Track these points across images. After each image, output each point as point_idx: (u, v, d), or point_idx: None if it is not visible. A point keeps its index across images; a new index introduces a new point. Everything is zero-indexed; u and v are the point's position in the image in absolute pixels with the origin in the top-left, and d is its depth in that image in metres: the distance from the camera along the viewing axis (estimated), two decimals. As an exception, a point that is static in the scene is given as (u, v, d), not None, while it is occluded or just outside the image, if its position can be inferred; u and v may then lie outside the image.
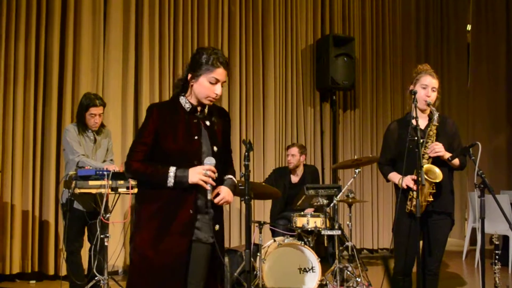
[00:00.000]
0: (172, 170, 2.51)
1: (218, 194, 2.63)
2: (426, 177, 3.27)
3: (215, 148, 2.65)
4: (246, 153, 2.90)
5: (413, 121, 3.35)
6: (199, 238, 2.60)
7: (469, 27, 9.09)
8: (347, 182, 5.86)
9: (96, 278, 4.07)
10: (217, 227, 2.63)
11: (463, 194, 8.34)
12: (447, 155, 3.43)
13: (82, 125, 4.30)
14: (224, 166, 2.76)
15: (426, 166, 3.35)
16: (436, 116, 3.43)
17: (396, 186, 3.60)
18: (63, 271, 5.25)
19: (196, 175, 2.50)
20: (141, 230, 2.59)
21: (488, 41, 8.98)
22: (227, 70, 2.64)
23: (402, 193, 3.48)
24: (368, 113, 7.77)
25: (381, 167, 3.75)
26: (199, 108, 2.69)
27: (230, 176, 2.78)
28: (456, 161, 3.47)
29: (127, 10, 5.99)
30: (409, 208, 3.46)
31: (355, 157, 5.76)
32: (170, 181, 2.51)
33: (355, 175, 5.27)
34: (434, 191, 3.39)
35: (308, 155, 7.11)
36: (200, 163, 2.58)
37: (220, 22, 6.63)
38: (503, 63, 8.93)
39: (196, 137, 2.62)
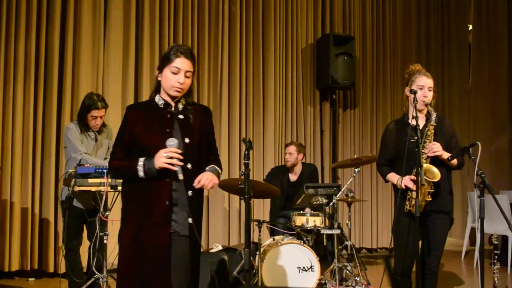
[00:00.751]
0: (141, 160, 2.59)
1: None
2: (425, 176, 3.26)
3: (186, 140, 2.67)
4: (246, 152, 2.89)
5: (413, 121, 3.36)
6: (176, 231, 2.64)
7: (470, 27, 9.08)
8: (346, 181, 5.87)
9: (95, 276, 4.07)
10: (190, 220, 2.64)
11: (464, 194, 8.34)
12: (446, 154, 3.44)
13: (83, 125, 4.31)
14: (206, 161, 2.82)
15: (425, 166, 3.35)
16: (434, 116, 3.43)
17: (394, 186, 3.60)
18: (62, 269, 5.25)
19: (160, 159, 2.54)
20: (125, 226, 2.69)
21: (489, 41, 8.97)
22: (190, 60, 2.68)
23: (400, 193, 3.49)
24: (368, 113, 7.77)
25: (379, 168, 3.75)
26: (173, 104, 2.74)
27: (212, 165, 2.82)
28: (454, 161, 3.47)
29: (128, 9, 5.98)
30: (407, 208, 3.46)
31: (355, 156, 5.75)
32: (140, 171, 2.58)
33: (354, 174, 5.27)
34: (432, 190, 3.40)
35: (308, 154, 7.11)
36: None
37: (221, 21, 6.63)
38: (505, 63, 8.93)
39: (168, 130, 2.66)
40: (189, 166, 2.64)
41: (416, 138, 3.29)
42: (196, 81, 6.23)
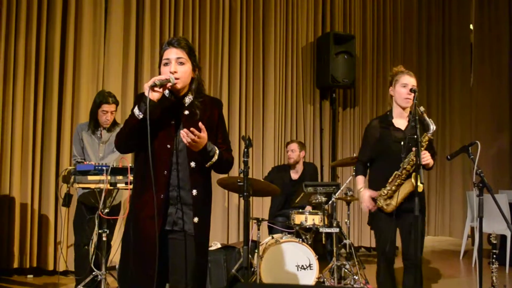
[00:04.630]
0: (135, 107, 2.56)
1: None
2: (413, 180, 3.33)
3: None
4: (245, 150, 2.89)
5: (396, 122, 3.55)
6: (183, 230, 2.62)
7: (471, 26, 9.08)
8: (345, 180, 5.87)
9: (93, 273, 4.07)
10: (196, 219, 2.62)
11: (464, 193, 8.35)
12: (431, 162, 3.55)
13: (94, 122, 4.39)
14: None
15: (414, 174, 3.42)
16: (432, 128, 3.45)
17: (369, 181, 3.78)
18: (61, 267, 5.27)
19: (145, 87, 2.51)
20: (128, 219, 2.70)
21: (491, 39, 8.98)
22: (179, 48, 2.63)
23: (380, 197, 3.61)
24: (367, 111, 7.76)
25: (357, 165, 3.88)
26: (183, 99, 2.69)
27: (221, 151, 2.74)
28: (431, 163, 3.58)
29: (128, 6, 5.97)
30: (379, 204, 3.58)
31: (354, 155, 5.75)
32: (136, 110, 2.53)
33: (353, 173, 5.26)
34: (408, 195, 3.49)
35: (307, 152, 7.11)
36: (173, 147, 2.60)
37: (221, 19, 6.62)
38: (506, 61, 8.94)
39: (172, 122, 2.64)
40: (192, 164, 2.61)
41: (416, 136, 3.29)
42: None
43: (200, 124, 2.51)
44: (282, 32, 7.10)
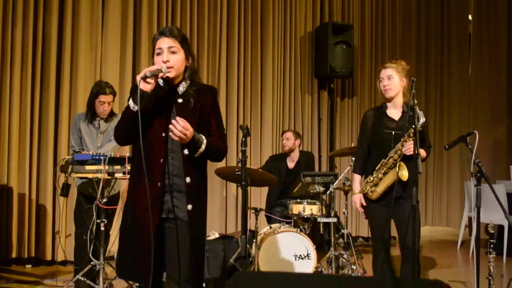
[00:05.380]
0: (130, 99, 2.57)
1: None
2: (398, 170, 3.47)
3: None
4: (243, 139, 2.88)
5: (389, 112, 3.62)
6: (177, 217, 2.63)
7: (470, 17, 9.05)
8: (343, 170, 5.87)
9: (92, 262, 4.08)
10: (189, 206, 2.63)
11: (463, 183, 8.36)
12: (422, 152, 3.62)
13: (91, 112, 4.38)
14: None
15: (400, 163, 3.52)
16: (422, 120, 3.49)
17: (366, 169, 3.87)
18: (60, 256, 5.27)
19: (137, 79, 2.51)
20: (126, 209, 2.73)
21: (489, 31, 8.96)
22: (170, 37, 2.63)
23: (366, 183, 3.72)
24: (365, 101, 7.77)
25: (355, 156, 3.96)
26: (177, 87, 2.70)
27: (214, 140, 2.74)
28: (423, 154, 3.64)
29: (125, -5, 5.95)
30: (365, 190, 3.71)
31: (352, 145, 5.76)
32: (131, 104, 2.54)
33: (351, 163, 5.27)
34: (394, 184, 3.53)
35: (305, 142, 7.12)
36: (167, 135, 2.59)
37: (219, 9, 6.59)
38: (504, 53, 8.93)
39: (165, 114, 2.65)
40: (186, 152, 2.62)
41: (414, 127, 3.38)
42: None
43: (178, 118, 2.50)
44: (280, 22, 7.08)
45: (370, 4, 7.90)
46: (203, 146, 2.62)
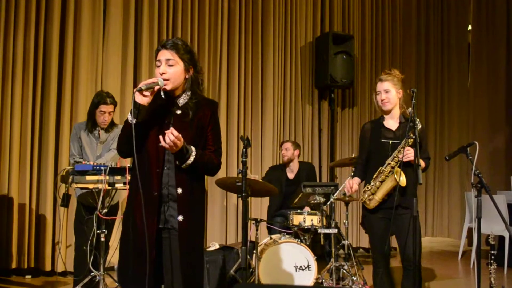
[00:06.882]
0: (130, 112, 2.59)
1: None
2: (395, 176, 3.50)
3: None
4: (244, 150, 2.88)
5: (386, 123, 3.68)
6: (173, 227, 2.65)
7: (469, 27, 9.09)
8: (344, 180, 5.86)
9: (92, 273, 4.06)
10: (180, 217, 2.63)
11: (462, 194, 8.35)
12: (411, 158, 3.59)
13: (92, 122, 4.39)
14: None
15: (397, 169, 3.54)
16: (419, 127, 3.51)
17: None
18: (60, 267, 5.26)
19: (134, 92, 2.56)
20: (125, 219, 2.74)
21: (488, 41, 8.98)
22: (169, 49, 2.66)
23: (364, 192, 3.72)
24: (366, 112, 7.77)
25: (356, 167, 4.00)
26: (177, 99, 2.72)
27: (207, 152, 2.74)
28: (422, 164, 3.62)
29: (127, 5, 5.96)
30: (363, 199, 3.70)
31: (353, 156, 5.75)
32: (129, 116, 2.57)
33: (352, 174, 5.26)
34: (393, 192, 3.56)
35: (306, 152, 7.11)
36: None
37: (220, 19, 6.61)
38: (503, 63, 8.94)
39: (166, 122, 2.67)
40: (178, 162, 2.62)
41: (414, 137, 3.43)
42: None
43: (172, 129, 2.52)
44: (281, 32, 7.10)
45: (370, 14, 7.93)
46: (192, 158, 2.61)
